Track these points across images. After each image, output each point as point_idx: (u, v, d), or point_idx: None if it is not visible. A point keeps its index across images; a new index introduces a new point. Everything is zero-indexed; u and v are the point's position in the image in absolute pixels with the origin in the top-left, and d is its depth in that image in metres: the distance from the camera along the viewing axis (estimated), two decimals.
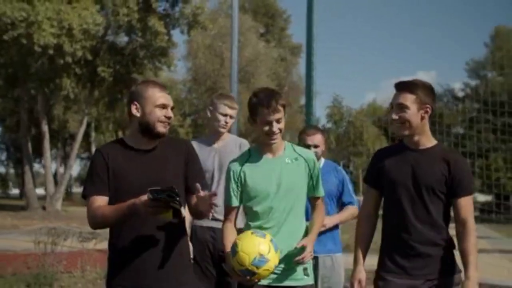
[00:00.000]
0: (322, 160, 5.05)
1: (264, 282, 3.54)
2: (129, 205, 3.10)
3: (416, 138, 3.58)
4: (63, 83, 29.65)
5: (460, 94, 52.11)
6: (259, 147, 3.71)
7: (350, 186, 5.05)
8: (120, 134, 45.72)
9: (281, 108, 3.55)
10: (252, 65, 39.67)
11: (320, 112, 52.11)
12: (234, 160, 3.75)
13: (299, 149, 3.79)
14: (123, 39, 33.31)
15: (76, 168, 62.52)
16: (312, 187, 3.72)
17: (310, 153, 3.80)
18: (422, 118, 3.54)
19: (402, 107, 3.52)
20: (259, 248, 3.33)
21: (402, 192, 3.55)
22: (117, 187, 3.29)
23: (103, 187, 3.31)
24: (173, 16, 32.34)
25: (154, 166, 3.33)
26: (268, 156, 3.67)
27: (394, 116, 3.55)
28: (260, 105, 3.53)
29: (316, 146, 4.88)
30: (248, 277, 3.37)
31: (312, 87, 8.21)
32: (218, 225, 4.60)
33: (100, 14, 29.04)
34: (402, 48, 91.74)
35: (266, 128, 3.55)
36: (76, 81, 31.45)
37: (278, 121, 3.55)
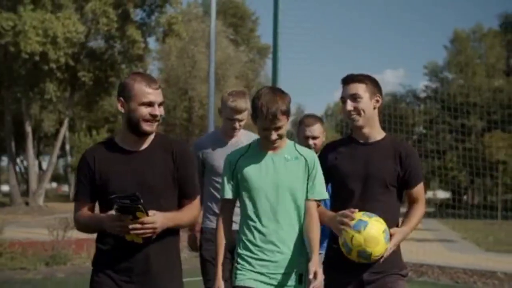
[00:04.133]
0: None
1: None
2: (102, 218, 3.04)
3: (366, 130, 3.48)
4: (46, 88, 30.73)
5: (422, 95, 52.62)
6: (260, 141, 3.47)
7: None
8: (94, 133, 46.57)
9: (281, 117, 3.27)
10: (222, 68, 40.90)
11: None
12: (232, 152, 3.55)
13: (300, 148, 3.51)
14: (102, 45, 34.75)
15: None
16: (308, 189, 3.41)
17: (312, 153, 3.52)
18: (374, 107, 3.48)
19: (356, 97, 3.43)
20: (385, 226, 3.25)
21: (353, 187, 3.42)
22: (104, 190, 3.09)
23: (85, 195, 3.17)
24: (149, 25, 34.14)
25: (141, 168, 3.10)
26: (268, 151, 3.43)
27: (349, 107, 3.44)
28: (260, 111, 3.28)
29: (315, 138, 4.61)
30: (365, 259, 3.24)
31: (277, 85, 8.18)
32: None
33: (81, 22, 30.24)
34: (370, 46, 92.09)
35: (264, 134, 3.35)
36: (58, 85, 32.51)
37: (277, 129, 3.30)
